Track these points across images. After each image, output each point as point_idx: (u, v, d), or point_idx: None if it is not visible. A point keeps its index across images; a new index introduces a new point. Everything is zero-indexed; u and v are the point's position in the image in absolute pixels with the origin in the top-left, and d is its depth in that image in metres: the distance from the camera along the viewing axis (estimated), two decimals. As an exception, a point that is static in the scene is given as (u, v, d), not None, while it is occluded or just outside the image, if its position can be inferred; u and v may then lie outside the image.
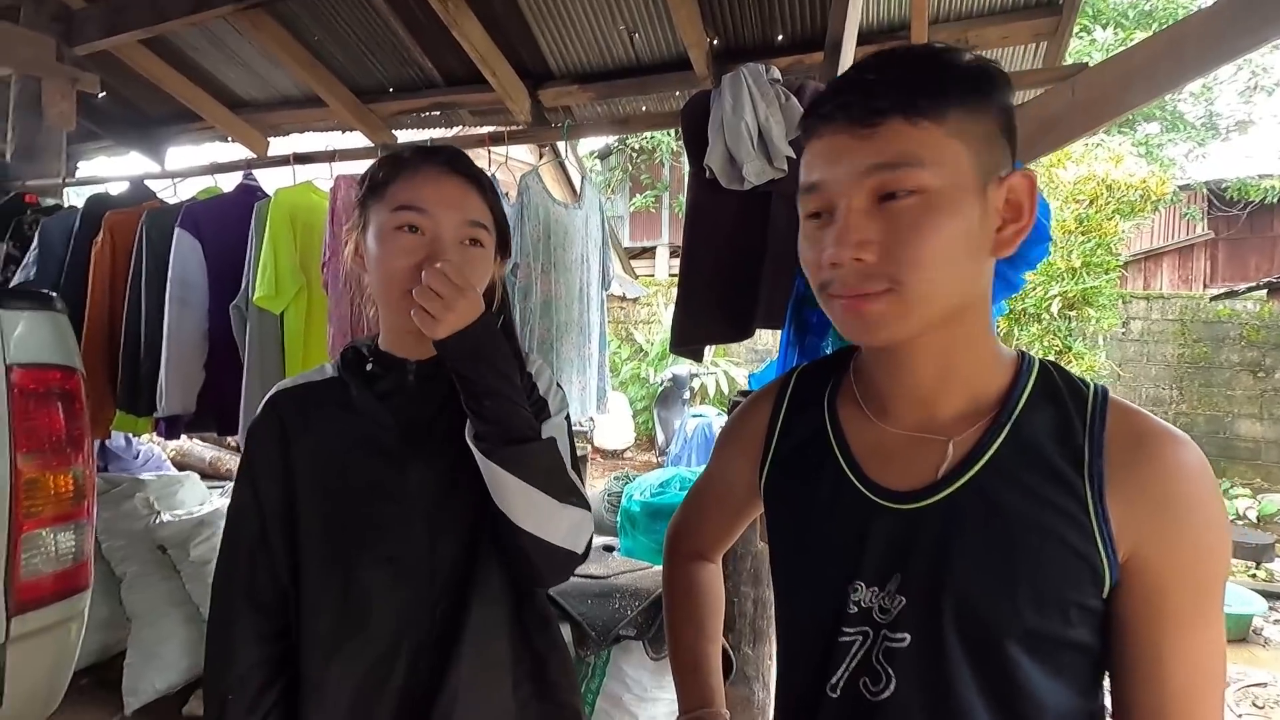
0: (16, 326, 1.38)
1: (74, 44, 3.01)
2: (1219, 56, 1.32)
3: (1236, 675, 3.51)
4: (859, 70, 0.64)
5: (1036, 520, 0.62)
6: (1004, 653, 0.62)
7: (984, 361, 0.68)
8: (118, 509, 2.59)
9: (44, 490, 1.39)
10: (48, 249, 2.49)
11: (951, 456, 0.66)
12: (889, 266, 0.60)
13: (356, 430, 0.90)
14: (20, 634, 1.38)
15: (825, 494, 0.72)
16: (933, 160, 0.59)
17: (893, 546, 0.67)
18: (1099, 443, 0.63)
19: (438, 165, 0.89)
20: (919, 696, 0.64)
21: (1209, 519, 0.62)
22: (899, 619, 0.65)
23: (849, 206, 0.61)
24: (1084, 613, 0.62)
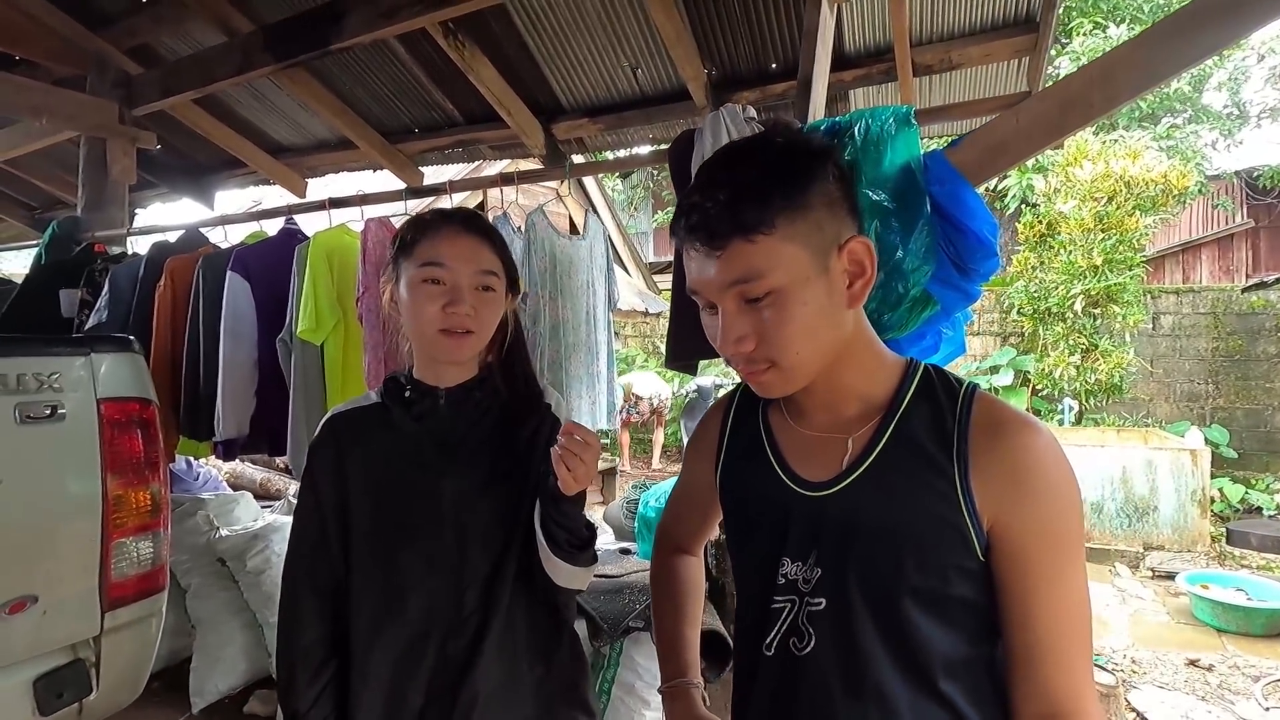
0: (103, 366, 1.63)
1: (134, 106, 3.33)
2: (1146, 82, 1.44)
3: (1268, 669, 3.49)
4: (701, 193, 0.74)
5: (916, 498, 0.75)
6: (897, 608, 0.74)
7: (870, 372, 0.82)
8: (181, 526, 2.85)
9: (128, 505, 1.64)
10: (117, 293, 2.77)
11: (851, 451, 0.80)
12: (765, 351, 0.75)
13: (398, 446, 1.10)
14: (112, 627, 1.63)
15: (759, 485, 0.87)
16: (772, 267, 0.71)
17: (810, 527, 0.80)
18: (965, 430, 0.76)
19: (455, 225, 1.07)
20: (833, 649, 0.77)
21: (1055, 490, 0.73)
22: (817, 586, 0.78)
23: (724, 310, 0.75)
24: (962, 572, 0.74)
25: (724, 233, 0.72)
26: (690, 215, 0.75)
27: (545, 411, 1.15)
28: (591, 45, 2.87)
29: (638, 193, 13.52)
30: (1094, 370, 6.36)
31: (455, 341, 1.05)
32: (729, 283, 0.73)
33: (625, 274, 7.62)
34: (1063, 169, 6.50)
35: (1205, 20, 1.38)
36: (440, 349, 1.07)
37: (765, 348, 0.75)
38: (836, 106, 2.98)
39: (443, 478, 1.07)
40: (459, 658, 1.04)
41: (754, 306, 0.74)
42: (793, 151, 0.74)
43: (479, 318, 1.06)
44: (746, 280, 0.72)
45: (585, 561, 1.06)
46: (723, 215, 0.72)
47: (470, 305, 1.04)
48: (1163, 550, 5.10)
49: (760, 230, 0.71)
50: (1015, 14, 2.54)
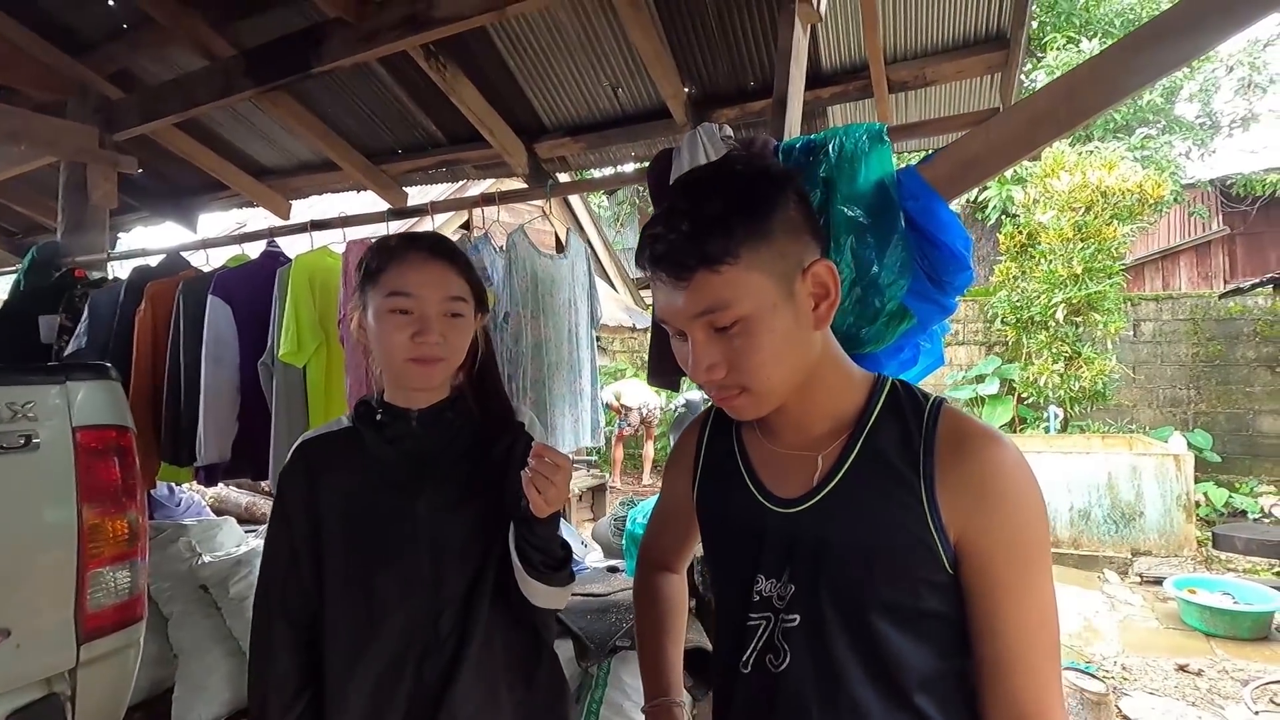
0: (79, 394, 1.62)
1: (114, 131, 3.32)
2: (1110, 96, 1.47)
3: (1256, 673, 3.52)
4: (664, 223, 0.75)
5: (884, 513, 0.77)
6: (869, 622, 0.76)
7: (838, 391, 0.84)
8: (163, 553, 2.81)
9: (104, 534, 1.61)
10: (97, 319, 2.75)
11: (821, 468, 0.81)
12: (736, 378, 0.77)
13: (371, 470, 1.09)
14: (88, 659, 1.59)
15: (733, 503, 0.88)
16: (739, 295, 0.73)
17: (783, 544, 0.81)
18: (930, 445, 0.77)
19: (420, 252, 1.07)
20: (808, 664, 0.78)
21: (1020, 503, 0.74)
22: (791, 602, 0.79)
23: (694, 339, 0.77)
24: (931, 586, 0.75)
25: (689, 264, 0.73)
26: (655, 245, 0.75)
27: (518, 430, 1.15)
28: (572, 65, 2.90)
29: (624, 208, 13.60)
30: (1078, 378, 6.43)
31: (425, 370, 1.06)
32: (696, 313, 0.74)
33: (611, 289, 7.63)
34: (1041, 180, 6.61)
35: (1165, 36, 1.41)
36: (410, 377, 1.07)
37: (736, 374, 0.76)
38: (814, 123, 3.02)
39: (417, 499, 1.07)
40: (437, 680, 1.03)
41: (723, 335, 0.75)
42: (754, 180, 0.76)
43: (449, 344, 1.06)
44: (713, 310, 0.73)
45: (561, 581, 1.06)
46: (687, 247, 0.73)
47: (439, 333, 1.05)
48: (1150, 555, 5.13)
49: (725, 261, 0.72)
50: (987, 31, 2.60)
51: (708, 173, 0.80)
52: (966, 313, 7.96)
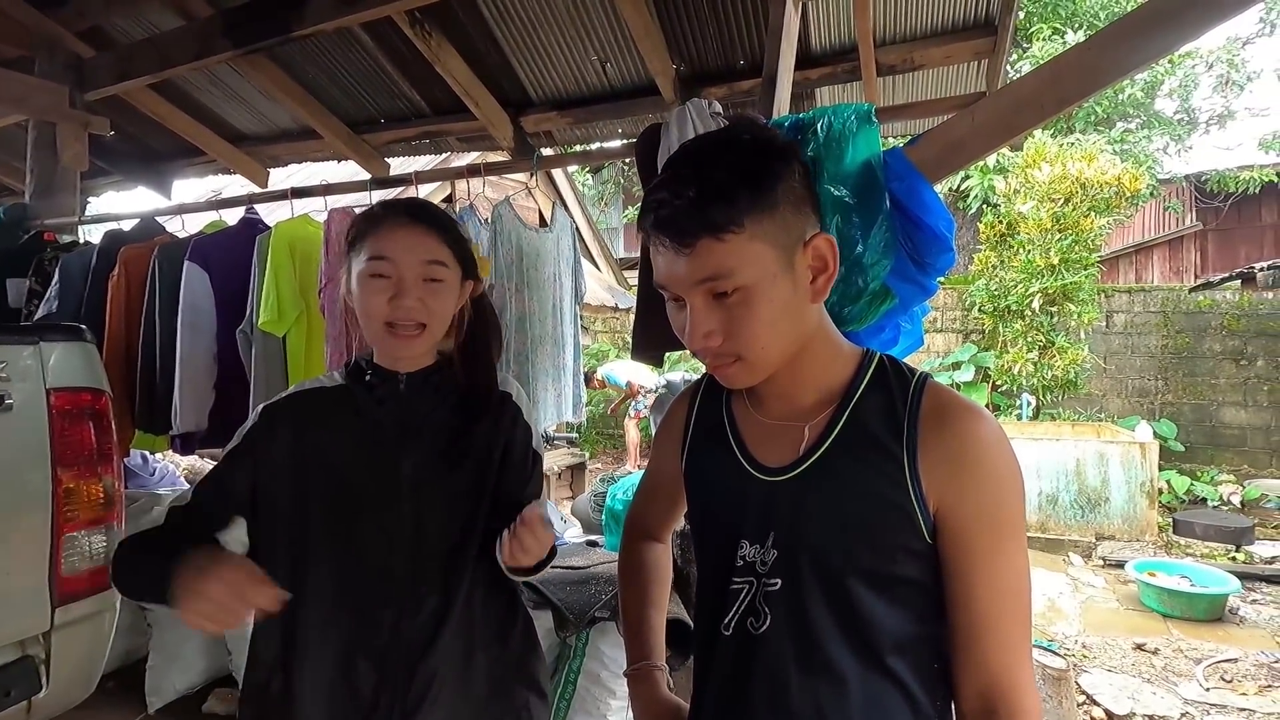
0: (53, 355, 1.58)
1: (85, 90, 3.21)
2: (1093, 85, 1.49)
3: (1209, 652, 3.66)
4: (668, 188, 0.75)
5: (867, 482, 0.78)
6: (847, 587, 0.77)
7: (827, 363, 0.85)
8: (137, 522, 2.76)
9: (79, 498, 1.59)
10: (68, 283, 2.68)
11: (807, 438, 0.82)
12: (732, 346, 0.77)
13: (360, 427, 1.10)
14: (63, 622, 1.58)
15: (721, 470, 0.89)
16: (741, 264, 0.73)
17: (767, 511, 0.82)
18: (915, 417, 0.79)
19: (399, 217, 1.07)
20: (787, 627, 0.80)
21: (997, 474, 0.77)
22: (773, 567, 0.81)
23: (692, 305, 0.76)
24: (910, 554, 0.77)
25: (693, 231, 0.73)
26: (659, 211, 0.75)
27: (505, 400, 1.16)
28: (560, 38, 2.87)
29: (608, 188, 13.51)
30: (1051, 366, 6.56)
31: (403, 339, 1.06)
32: (698, 280, 0.74)
33: (595, 269, 7.60)
34: (1022, 170, 6.68)
35: (1149, 27, 1.44)
36: (388, 344, 1.07)
37: (732, 342, 0.77)
38: (802, 104, 3.02)
39: (402, 459, 1.08)
40: (415, 637, 1.04)
41: (721, 302, 0.75)
42: (760, 150, 0.75)
43: (428, 309, 1.06)
44: (715, 278, 0.74)
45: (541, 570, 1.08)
46: (691, 213, 0.73)
47: (416, 298, 1.04)
48: (1113, 540, 5.29)
49: (729, 229, 0.72)
50: (975, 17, 2.61)
51: (714, 140, 0.79)
52: (945, 301, 8.05)
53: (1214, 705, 3.13)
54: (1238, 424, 7.24)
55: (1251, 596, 4.43)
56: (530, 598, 2.00)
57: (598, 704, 1.92)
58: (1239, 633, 3.94)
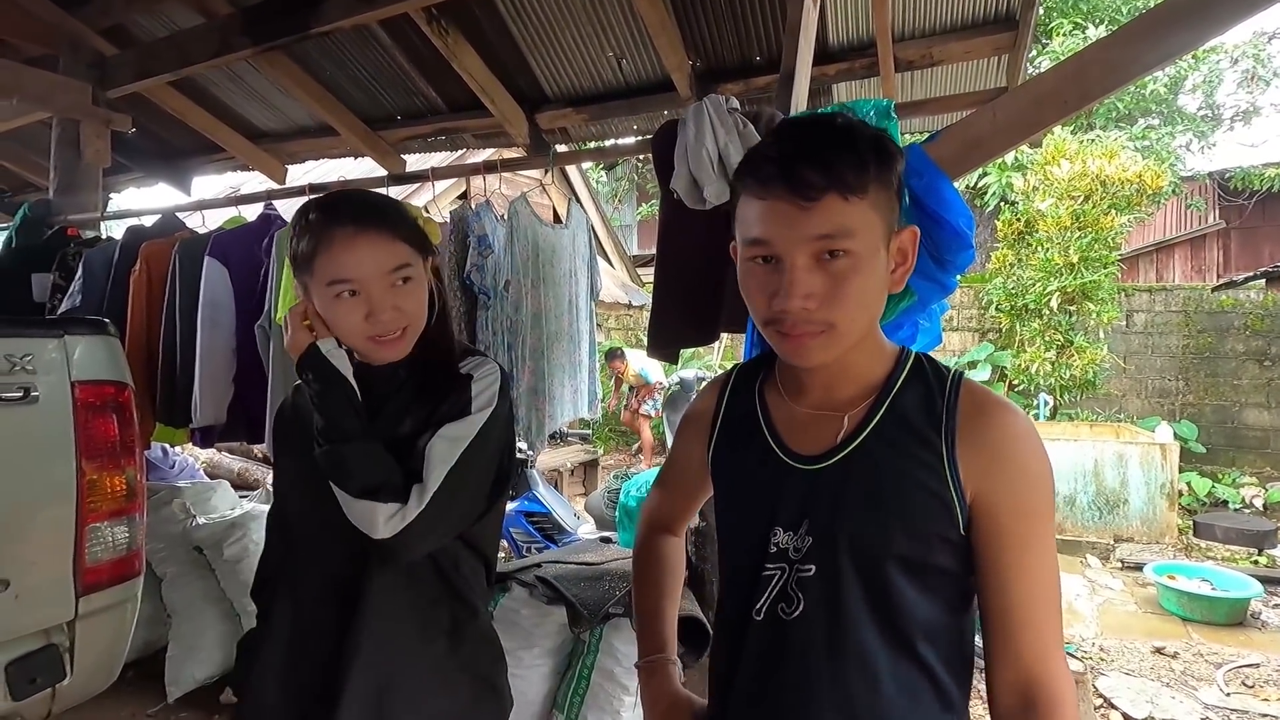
0: (78, 348, 1.61)
1: (108, 88, 3.26)
2: (1117, 80, 1.47)
3: (1230, 657, 3.60)
4: (796, 143, 0.76)
5: (906, 471, 0.80)
6: (883, 573, 0.79)
7: (872, 356, 0.86)
8: (157, 514, 2.82)
9: (102, 490, 1.62)
10: (90, 278, 2.72)
11: (846, 427, 0.83)
12: (827, 313, 0.76)
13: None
14: (87, 612, 1.61)
15: (754, 460, 0.89)
16: (859, 229, 0.74)
17: (802, 498, 0.83)
18: (953, 411, 0.81)
19: (347, 227, 0.98)
20: (820, 612, 0.81)
21: (1032, 468, 0.79)
22: (808, 554, 0.82)
23: (794, 263, 0.75)
24: (944, 543, 0.79)
25: (821, 185, 0.73)
26: (780, 164, 0.75)
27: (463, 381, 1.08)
28: (576, 34, 2.86)
29: (622, 185, 13.50)
30: (1069, 366, 6.48)
31: (390, 346, 1.02)
32: (816, 235, 0.74)
33: (609, 266, 7.60)
34: (1041, 167, 6.60)
35: (1174, 21, 1.41)
36: (375, 355, 1.04)
37: (828, 309, 0.76)
38: (819, 100, 3.00)
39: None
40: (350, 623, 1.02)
41: (826, 266, 0.75)
42: (881, 136, 0.78)
43: (405, 312, 1.01)
44: (834, 236, 0.74)
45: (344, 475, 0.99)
46: (826, 169, 0.73)
47: (392, 307, 0.99)
48: (1132, 542, 5.22)
49: (857, 192, 0.74)
50: (996, 12, 2.58)
51: (836, 118, 0.79)
52: (961, 299, 7.97)
53: (1235, 711, 3.08)
54: (1260, 426, 7.12)
55: (1274, 601, 4.35)
56: (544, 593, 2.01)
57: (611, 700, 1.93)
58: (1261, 638, 3.87)
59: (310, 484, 1.06)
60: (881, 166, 0.76)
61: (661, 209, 1.85)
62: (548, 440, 3.27)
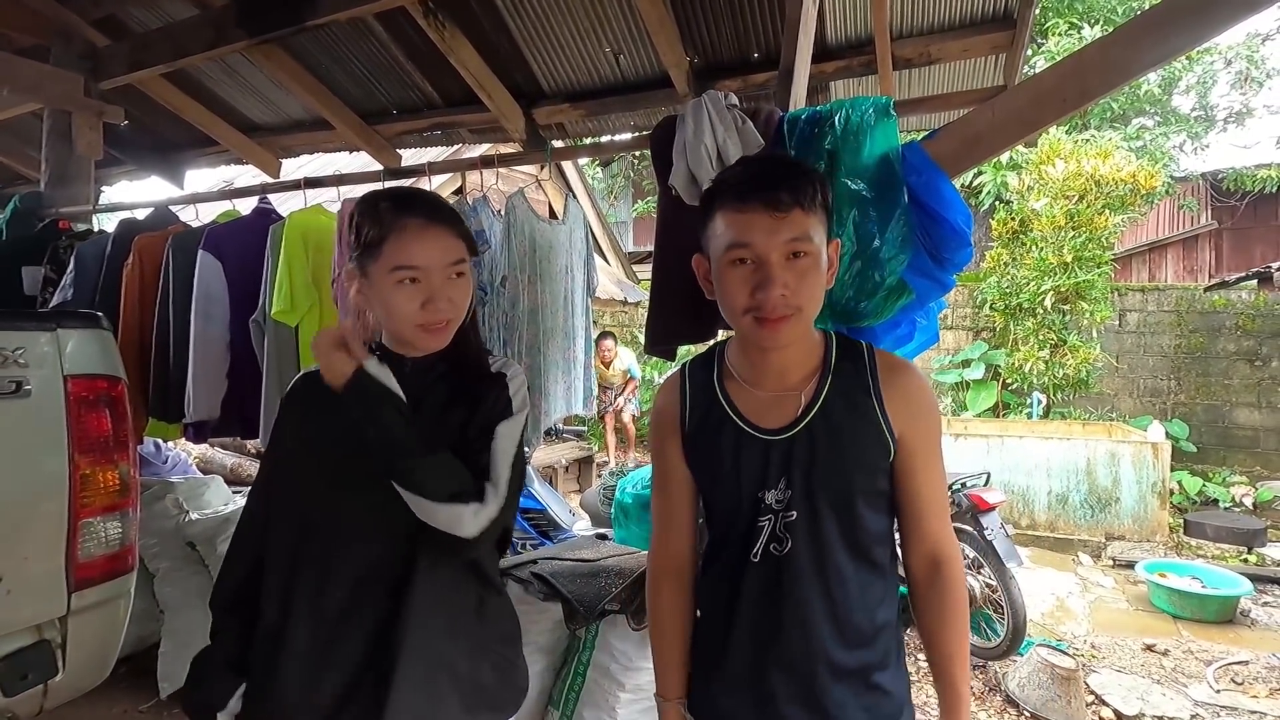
0: (70, 342, 1.59)
1: (100, 79, 3.23)
2: (1116, 79, 1.47)
3: (1220, 654, 3.63)
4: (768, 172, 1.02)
5: (855, 426, 1.06)
6: (852, 506, 1.05)
7: (811, 343, 1.11)
8: (150, 509, 2.80)
9: (95, 484, 1.60)
10: (83, 271, 2.70)
11: (803, 402, 1.08)
12: (796, 299, 1.00)
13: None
14: (79, 607, 1.60)
15: (729, 441, 1.09)
16: (814, 234, 1.00)
17: (782, 461, 1.06)
18: (874, 374, 1.09)
19: (419, 220, 1.07)
20: (805, 546, 1.05)
21: (931, 406, 1.11)
22: (790, 503, 1.05)
23: (773, 262, 0.98)
24: (884, 472, 1.07)
25: (788, 203, 0.98)
26: (757, 185, 0.99)
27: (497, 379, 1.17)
28: (574, 29, 2.85)
29: (618, 182, 13.47)
30: (1062, 365, 6.51)
31: (435, 335, 1.09)
32: (788, 239, 0.98)
33: (604, 263, 7.59)
34: (1036, 167, 6.61)
35: (1174, 21, 1.41)
36: (420, 343, 1.10)
37: (796, 297, 1.00)
38: (817, 97, 2.99)
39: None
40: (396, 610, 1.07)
41: (793, 264, 0.99)
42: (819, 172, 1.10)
43: (456, 304, 1.10)
44: (799, 240, 0.99)
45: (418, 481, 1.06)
46: (788, 190, 0.98)
47: (447, 296, 1.08)
48: (1123, 540, 5.25)
49: (811, 209, 1.00)
50: (993, 11, 2.58)
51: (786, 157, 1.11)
52: (956, 298, 8.00)
53: (1224, 707, 3.11)
54: (1251, 425, 7.18)
55: (1263, 599, 4.40)
56: (540, 590, 2.01)
57: (606, 696, 1.92)
58: (1250, 635, 3.91)
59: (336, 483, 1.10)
60: (823, 192, 1.03)
61: (659, 205, 1.84)
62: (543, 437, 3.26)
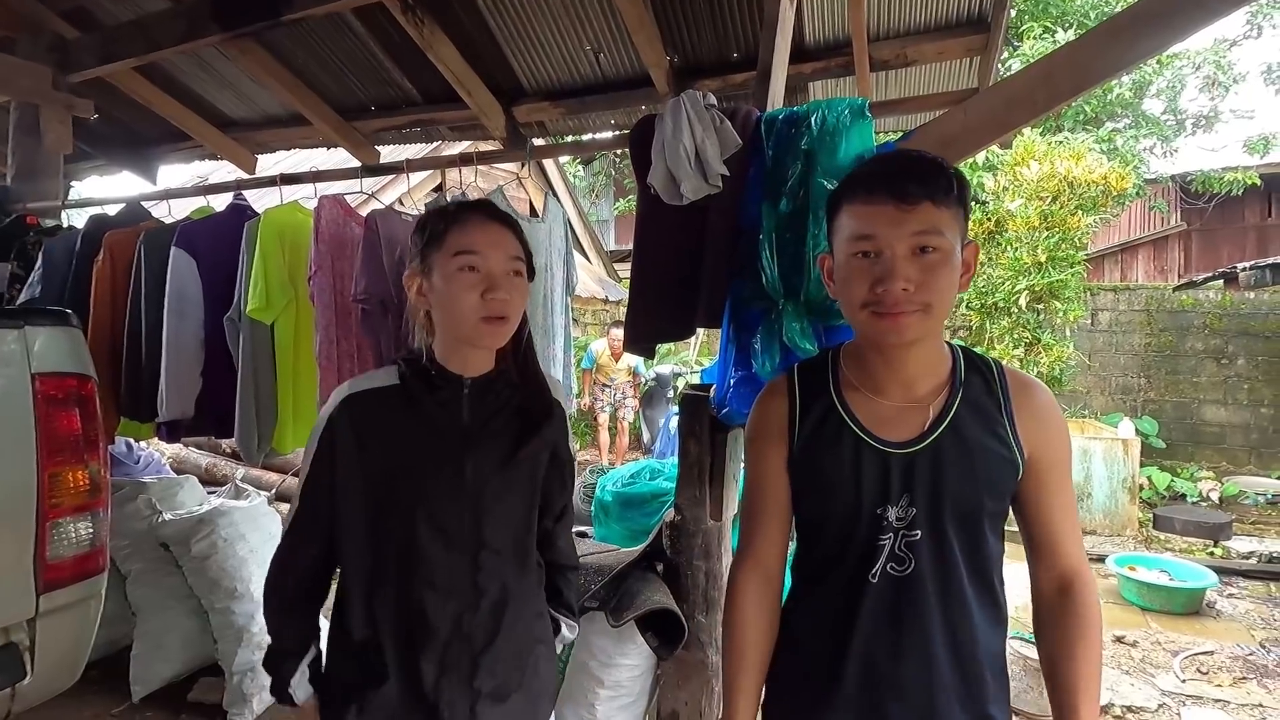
0: (38, 340, 1.57)
1: (69, 72, 3.16)
2: (1085, 82, 1.51)
3: (1186, 645, 3.72)
4: (897, 164, 1.01)
5: (986, 445, 1.01)
6: (978, 529, 1.01)
7: (940, 354, 1.06)
8: (121, 510, 2.75)
9: (64, 484, 1.58)
10: (51, 268, 2.65)
11: (931, 415, 1.02)
12: (923, 295, 0.95)
13: (422, 429, 1.13)
14: (48, 609, 1.57)
15: (848, 453, 1.03)
16: (945, 230, 0.95)
17: (905, 476, 1.00)
18: (1006, 391, 1.04)
19: (482, 215, 1.13)
20: (930, 568, 1.00)
21: (1062, 428, 1.06)
22: (913, 521, 1.00)
23: (895, 254, 0.94)
24: (1010, 494, 1.03)
25: (919, 195, 0.94)
26: (886, 178, 0.96)
27: (554, 406, 1.22)
28: (554, 27, 2.84)
29: (599, 180, 13.46)
30: (1036, 363, 6.61)
31: (494, 328, 1.10)
32: (915, 231, 0.94)
33: (586, 261, 7.58)
34: (1011, 168, 6.71)
35: (1139, 26, 1.45)
36: (482, 336, 1.11)
37: (924, 292, 0.95)
38: (796, 97, 3.02)
39: (465, 460, 1.12)
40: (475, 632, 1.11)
41: (919, 259, 0.94)
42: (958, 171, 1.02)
43: (514, 302, 1.12)
44: (928, 233, 0.94)
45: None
46: (919, 183, 0.95)
47: (506, 291, 1.10)
48: (1095, 534, 5.36)
49: (944, 202, 0.95)
50: (968, 13, 2.61)
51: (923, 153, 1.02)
52: (933, 297, 8.08)
53: (1190, 696, 3.19)
54: (1218, 421, 7.35)
55: (1228, 591, 4.51)
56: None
57: (585, 694, 1.93)
58: (1215, 626, 4.01)
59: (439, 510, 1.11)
60: (960, 190, 0.98)
61: (639, 204, 1.85)
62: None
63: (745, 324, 1.70)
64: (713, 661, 1.91)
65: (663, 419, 6.78)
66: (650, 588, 1.95)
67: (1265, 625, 4.03)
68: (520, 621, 1.15)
